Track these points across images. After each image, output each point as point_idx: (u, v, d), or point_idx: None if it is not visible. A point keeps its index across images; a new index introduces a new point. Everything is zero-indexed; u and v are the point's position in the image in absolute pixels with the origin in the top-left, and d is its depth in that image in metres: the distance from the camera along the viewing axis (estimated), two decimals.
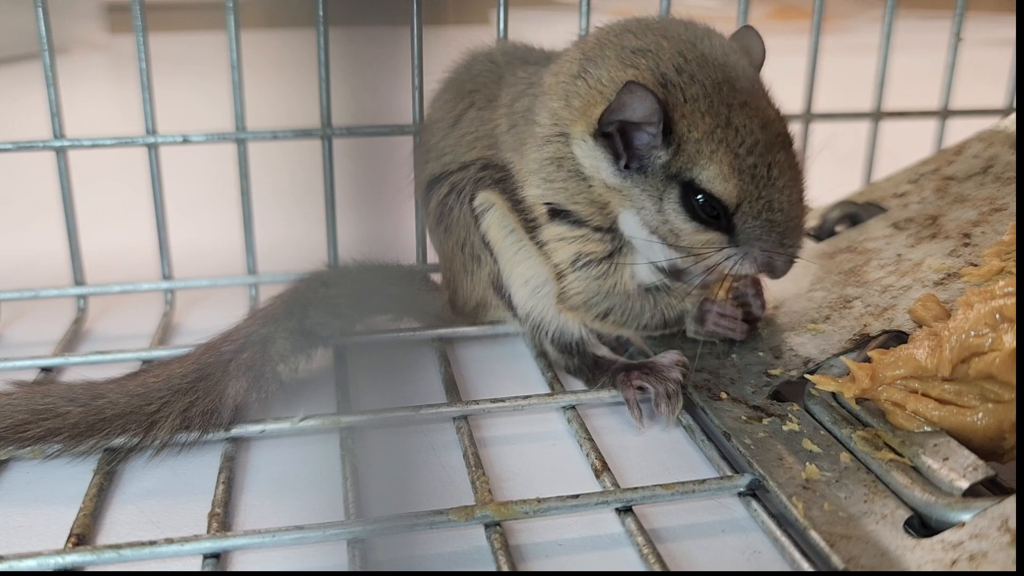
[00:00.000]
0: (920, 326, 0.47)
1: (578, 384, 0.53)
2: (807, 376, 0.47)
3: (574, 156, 0.47)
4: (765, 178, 0.43)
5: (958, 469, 0.38)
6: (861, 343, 0.48)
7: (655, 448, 0.47)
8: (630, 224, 0.47)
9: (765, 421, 0.45)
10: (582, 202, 0.48)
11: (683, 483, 0.42)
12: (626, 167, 0.45)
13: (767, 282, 0.56)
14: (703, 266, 0.46)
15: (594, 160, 0.46)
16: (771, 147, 0.44)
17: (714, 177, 0.43)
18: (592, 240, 0.48)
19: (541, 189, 0.48)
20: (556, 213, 0.49)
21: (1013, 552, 0.33)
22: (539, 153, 0.48)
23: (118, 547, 0.38)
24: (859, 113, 0.73)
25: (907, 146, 0.74)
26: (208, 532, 0.40)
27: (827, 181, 0.51)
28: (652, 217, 0.46)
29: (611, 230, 0.48)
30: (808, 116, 0.72)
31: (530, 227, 0.50)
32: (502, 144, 0.51)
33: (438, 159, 0.54)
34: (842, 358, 0.47)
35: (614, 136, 0.45)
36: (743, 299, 0.52)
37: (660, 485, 0.41)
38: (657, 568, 0.37)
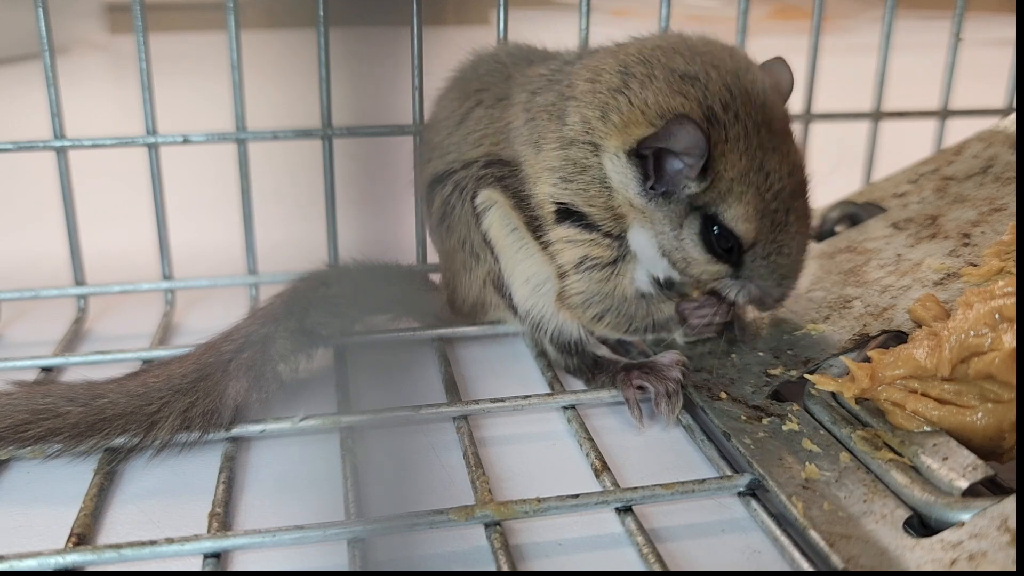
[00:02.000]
0: (920, 326, 0.47)
1: (578, 384, 0.53)
2: (807, 376, 0.47)
3: (600, 165, 0.47)
4: (783, 224, 0.45)
5: (957, 469, 0.38)
6: (861, 343, 0.48)
7: (655, 448, 0.47)
8: (640, 240, 0.48)
9: (765, 421, 0.45)
10: (599, 207, 0.48)
11: (683, 483, 0.42)
12: (651, 188, 0.45)
13: None
14: (701, 289, 0.48)
15: (623, 177, 0.46)
16: (793, 194, 0.45)
17: (738, 217, 0.44)
18: (600, 245, 0.49)
19: (556, 188, 0.48)
20: (567, 215, 0.49)
21: (1013, 552, 0.33)
22: (560, 152, 0.48)
23: (119, 547, 0.38)
24: (859, 113, 0.73)
25: (907, 146, 0.74)
26: (208, 532, 0.40)
27: (827, 181, 0.51)
28: (668, 241, 0.47)
29: (619, 237, 0.48)
30: (808, 116, 0.71)
31: (534, 225, 0.50)
32: (515, 138, 0.50)
33: (442, 157, 0.54)
34: (842, 358, 0.47)
35: (648, 159, 0.45)
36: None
37: (660, 485, 0.41)
38: (657, 568, 0.37)
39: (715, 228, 0.45)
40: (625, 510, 0.41)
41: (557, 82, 0.50)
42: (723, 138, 0.44)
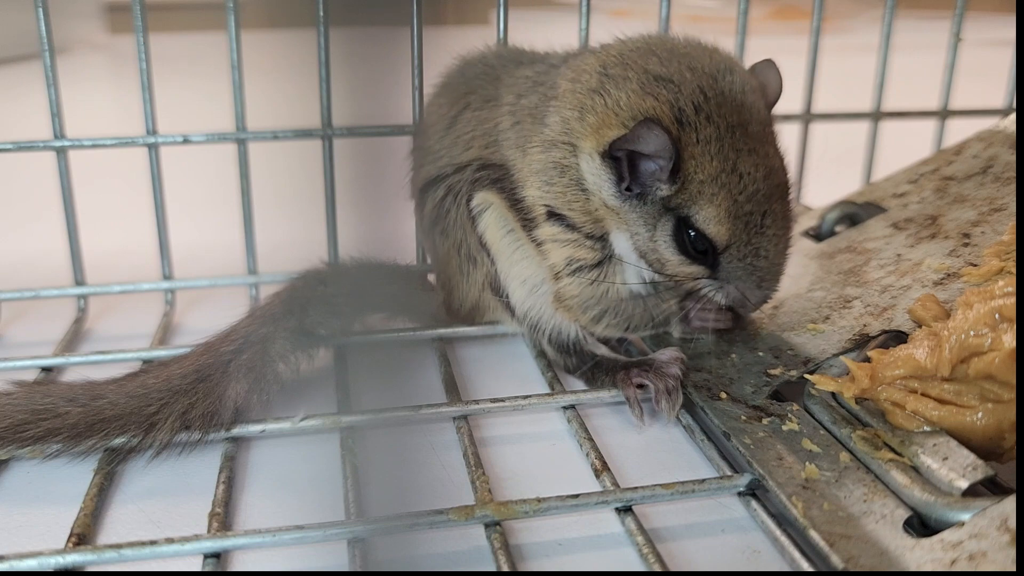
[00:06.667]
0: (920, 326, 0.47)
1: (578, 384, 0.53)
2: (807, 376, 0.47)
3: (578, 166, 0.47)
4: (758, 226, 0.45)
5: (957, 469, 0.38)
6: (861, 343, 0.48)
7: (655, 448, 0.47)
8: (620, 243, 0.48)
9: (765, 421, 0.45)
10: (577, 210, 0.48)
11: (683, 483, 0.42)
12: (627, 190, 0.45)
13: None
14: (680, 291, 0.48)
15: (597, 178, 0.46)
16: (769, 197, 0.45)
17: (710, 219, 0.44)
18: (584, 246, 0.49)
19: (541, 191, 0.49)
20: (552, 214, 0.49)
21: (1012, 552, 0.33)
22: (544, 155, 0.48)
23: (119, 547, 0.38)
24: (859, 113, 0.73)
25: (907, 146, 0.74)
26: (208, 532, 0.40)
27: (827, 181, 0.52)
28: (643, 243, 0.47)
29: (602, 239, 0.48)
30: (808, 116, 0.71)
31: (529, 226, 0.50)
32: (503, 142, 0.51)
33: (434, 162, 0.54)
34: (842, 358, 0.47)
35: (621, 160, 0.45)
36: None
37: (660, 485, 0.41)
38: (657, 568, 0.37)
39: (690, 231, 0.45)
40: (625, 510, 0.41)
41: (542, 84, 0.50)
42: (693, 140, 0.44)
